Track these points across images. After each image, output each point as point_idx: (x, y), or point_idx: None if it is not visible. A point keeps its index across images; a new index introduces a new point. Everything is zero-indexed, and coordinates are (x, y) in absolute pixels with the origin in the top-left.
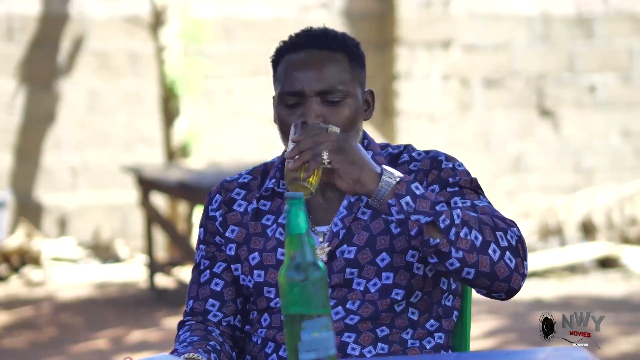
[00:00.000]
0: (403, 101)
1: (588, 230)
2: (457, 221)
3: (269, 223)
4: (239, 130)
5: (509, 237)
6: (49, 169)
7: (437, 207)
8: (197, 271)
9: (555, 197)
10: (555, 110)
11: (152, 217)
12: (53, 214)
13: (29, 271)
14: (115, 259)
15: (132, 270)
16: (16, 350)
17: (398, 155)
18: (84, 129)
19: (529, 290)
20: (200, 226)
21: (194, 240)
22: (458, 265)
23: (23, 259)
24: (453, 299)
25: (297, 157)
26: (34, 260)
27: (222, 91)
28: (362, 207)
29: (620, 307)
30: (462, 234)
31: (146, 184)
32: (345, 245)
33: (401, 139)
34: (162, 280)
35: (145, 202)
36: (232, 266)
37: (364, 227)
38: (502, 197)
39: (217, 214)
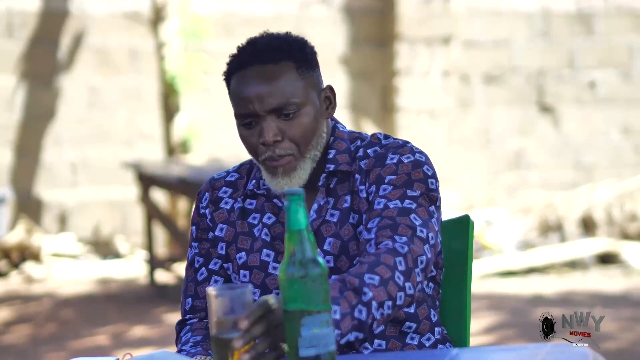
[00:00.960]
0: (403, 98)
1: (588, 226)
2: (377, 315)
3: (255, 222)
4: None
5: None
6: (49, 165)
7: (355, 313)
8: (192, 269)
9: (555, 193)
10: (556, 106)
11: (152, 213)
12: (53, 210)
13: (29, 267)
14: (116, 255)
15: (132, 266)
16: (16, 346)
17: (358, 149)
18: (84, 125)
19: (529, 286)
20: (192, 224)
21: None
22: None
23: (23, 255)
24: (433, 287)
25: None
26: (34, 256)
27: (222, 87)
28: (330, 209)
29: (620, 302)
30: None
31: (146, 180)
32: (319, 250)
33: (401, 136)
34: (162, 276)
35: (145, 198)
36: (225, 265)
37: (334, 233)
38: (502, 193)
39: (207, 211)
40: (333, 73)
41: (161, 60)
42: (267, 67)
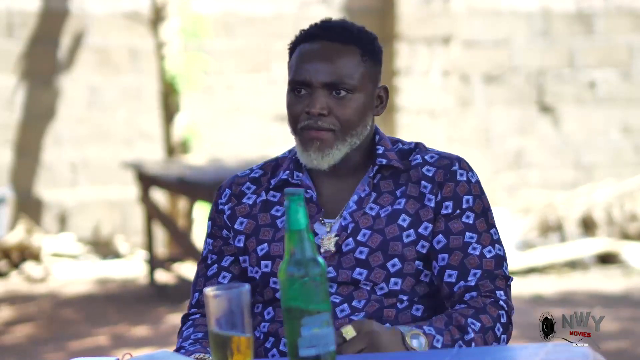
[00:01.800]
0: (403, 97)
1: (588, 226)
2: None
3: (279, 214)
4: (238, 126)
5: (497, 332)
6: (49, 164)
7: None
8: (204, 265)
9: (555, 193)
10: (556, 106)
11: (152, 213)
12: (53, 209)
13: (29, 267)
14: (115, 255)
15: (132, 266)
16: (16, 346)
17: (409, 153)
18: (84, 125)
19: (529, 286)
20: (209, 219)
21: (194, 236)
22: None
23: (23, 254)
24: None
25: None
26: (34, 256)
27: (222, 87)
28: (371, 203)
29: (620, 302)
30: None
31: (146, 180)
32: (351, 239)
33: (401, 135)
34: (162, 276)
35: (145, 198)
36: (240, 258)
37: (371, 226)
38: (502, 193)
39: (226, 207)
40: None
41: (161, 59)
42: (334, 44)
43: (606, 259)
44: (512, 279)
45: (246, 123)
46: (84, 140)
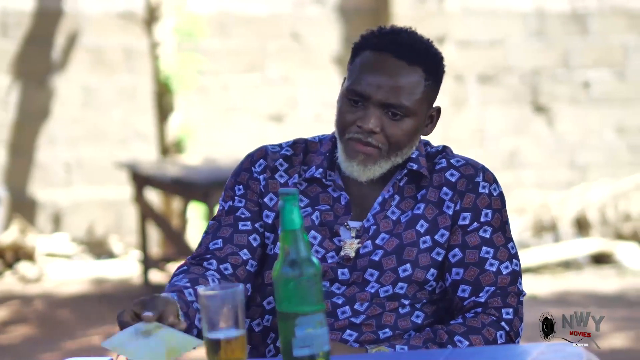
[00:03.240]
0: None
1: (582, 226)
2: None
3: (302, 205)
4: (233, 126)
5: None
6: (43, 164)
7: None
8: (232, 217)
9: (549, 193)
10: (550, 106)
11: (147, 213)
12: (47, 209)
13: (23, 267)
14: (110, 254)
15: (126, 266)
16: (10, 346)
17: (434, 156)
18: (79, 125)
19: (523, 286)
20: (239, 183)
21: (188, 236)
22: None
23: (17, 254)
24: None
25: None
26: (28, 256)
27: (216, 87)
28: (393, 207)
29: (615, 303)
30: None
31: (140, 180)
32: (370, 242)
33: None
34: (156, 276)
35: (139, 198)
36: (266, 234)
37: (390, 230)
38: None
39: (262, 177)
40: (327, 73)
41: (156, 59)
42: (400, 62)
43: (600, 259)
44: (524, 294)
45: (241, 123)
46: (79, 140)
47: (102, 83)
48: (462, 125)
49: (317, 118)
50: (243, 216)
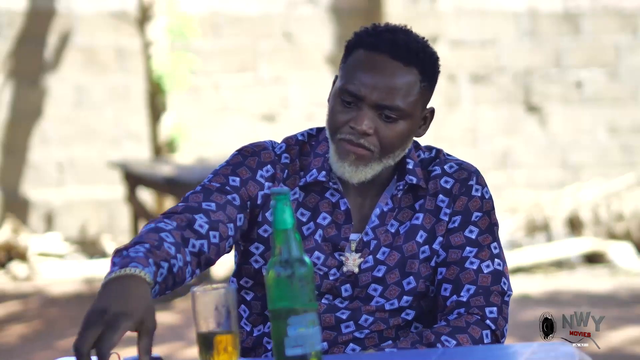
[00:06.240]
0: None
1: (575, 225)
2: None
3: (304, 219)
4: (225, 126)
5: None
6: (36, 164)
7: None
8: (220, 194)
9: (542, 192)
10: (542, 105)
11: (139, 212)
12: (40, 209)
13: (16, 267)
14: (102, 254)
15: None
16: (3, 345)
17: (429, 163)
18: (71, 125)
19: (515, 286)
20: (235, 174)
21: None
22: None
23: (9, 254)
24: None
25: None
26: (21, 255)
27: (209, 87)
28: (392, 219)
29: (607, 302)
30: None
31: (133, 180)
32: (371, 257)
33: None
34: None
35: (132, 198)
36: (255, 244)
37: (390, 244)
38: None
39: (266, 185)
40: (320, 73)
41: (148, 59)
42: (396, 63)
43: (593, 259)
44: (510, 294)
45: (233, 123)
46: (71, 139)
47: (95, 82)
48: (455, 125)
49: (309, 118)
50: (230, 197)
